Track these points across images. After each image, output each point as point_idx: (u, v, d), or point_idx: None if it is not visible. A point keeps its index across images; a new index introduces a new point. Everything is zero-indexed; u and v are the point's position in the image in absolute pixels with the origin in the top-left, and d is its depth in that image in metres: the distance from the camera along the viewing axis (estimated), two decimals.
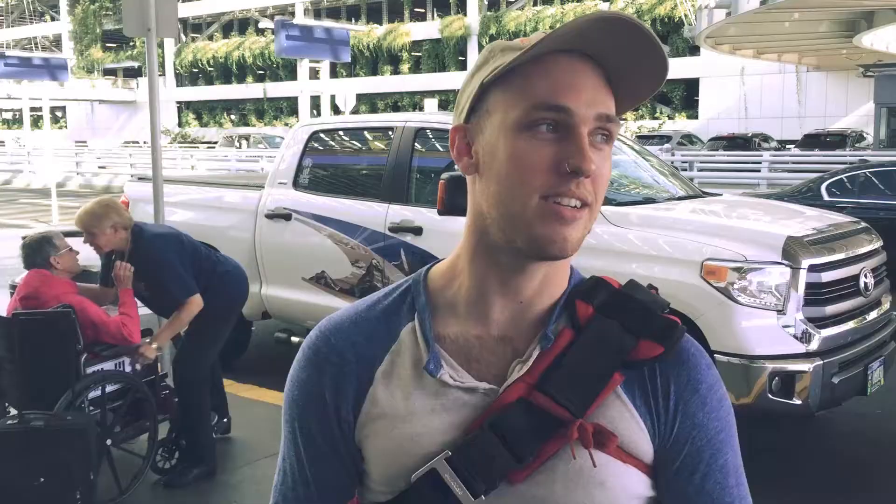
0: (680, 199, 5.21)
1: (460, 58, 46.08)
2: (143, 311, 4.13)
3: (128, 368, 3.98)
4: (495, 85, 0.92)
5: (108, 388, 3.80)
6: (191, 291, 3.95)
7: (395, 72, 48.48)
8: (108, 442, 3.74)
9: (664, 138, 28.50)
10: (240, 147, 32.54)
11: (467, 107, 0.95)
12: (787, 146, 28.45)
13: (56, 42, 62.59)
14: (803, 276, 3.95)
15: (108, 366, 3.88)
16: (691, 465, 0.94)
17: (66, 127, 62.11)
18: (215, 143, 39.76)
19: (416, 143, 5.33)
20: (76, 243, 4.13)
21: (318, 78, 30.90)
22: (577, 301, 0.96)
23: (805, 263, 3.97)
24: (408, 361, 0.96)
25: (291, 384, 1.01)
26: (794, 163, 19.96)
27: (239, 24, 55.23)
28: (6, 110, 66.59)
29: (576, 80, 0.89)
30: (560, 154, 0.88)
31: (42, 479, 3.17)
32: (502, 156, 0.90)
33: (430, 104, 35.37)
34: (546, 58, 0.89)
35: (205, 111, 55.75)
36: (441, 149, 5.66)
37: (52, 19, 64.38)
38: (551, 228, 0.89)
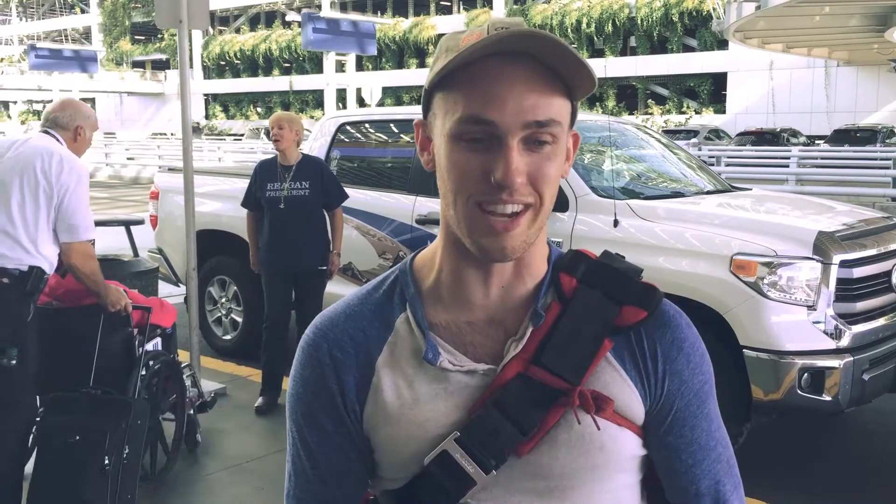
0: (708, 193, 5.18)
1: None
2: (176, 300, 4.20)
3: (158, 347, 4.06)
4: (437, 89, 0.94)
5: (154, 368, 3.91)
6: (347, 196, 5.11)
7: (421, 65, 48.45)
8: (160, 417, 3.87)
9: (691, 133, 28.26)
10: (269, 138, 32.69)
11: (423, 104, 0.99)
12: (816, 141, 28.12)
13: (86, 34, 63.25)
14: (834, 272, 3.91)
15: (149, 347, 3.96)
16: (681, 418, 1.00)
17: None
18: (242, 135, 40.01)
19: None
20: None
21: (343, 71, 30.99)
22: (561, 274, 1.00)
23: (836, 259, 3.92)
24: (406, 351, 0.98)
25: (295, 383, 1.03)
26: (822, 158, 19.72)
27: (266, 17, 55.47)
28: (37, 102, 67.37)
29: (501, 90, 0.89)
30: (487, 165, 0.90)
31: (77, 438, 3.28)
32: (443, 162, 0.94)
33: None
34: (478, 63, 0.89)
35: (231, 104, 56.08)
36: None
37: (82, 12, 65.03)
38: (487, 239, 0.92)
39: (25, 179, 3.21)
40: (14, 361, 3.18)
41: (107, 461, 3.28)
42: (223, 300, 6.22)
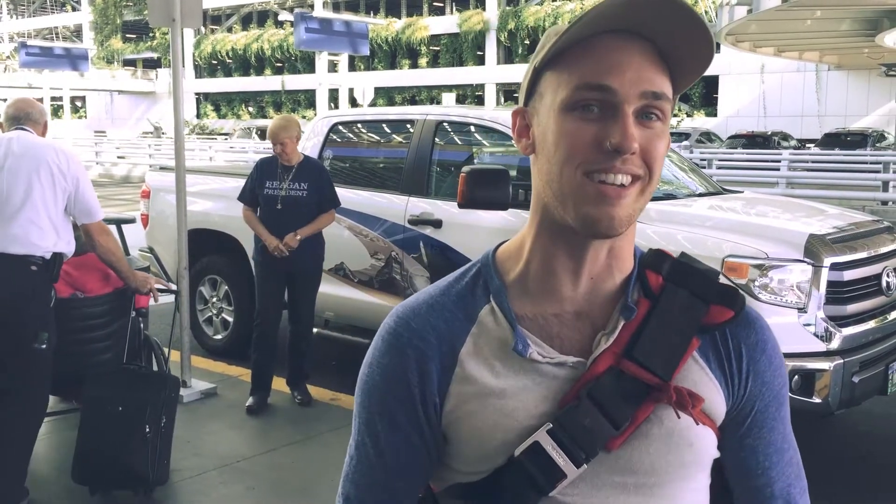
0: (700, 195, 5.20)
1: (478, 52, 45.96)
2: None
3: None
4: (547, 68, 0.95)
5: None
6: (339, 203, 5.05)
7: (414, 66, 48.45)
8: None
9: (683, 136, 28.33)
10: (262, 138, 32.71)
11: (524, 91, 0.99)
12: (807, 145, 28.24)
13: (77, 32, 63.00)
14: (825, 275, 3.93)
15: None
16: (760, 420, 1.01)
17: (85, 117, 62.53)
18: (229, 134, 39.91)
19: (436, 136, 5.34)
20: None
21: (336, 71, 30.98)
22: (647, 271, 1.00)
23: (827, 262, 3.95)
24: (492, 342, 0.97)
25: (372, 371, 1.01)
26: (813, 162, 19.82)
27: (258, 17, 55.36)
28: None
29: (620, 59, 0.90)
30: (603, 132, 0.89)
31: (120, 409, 3.60)
32: (552, 136, 0.93)
33: (448, 98, 35.35)
34: (592, 39, 0.91)
35: (223, 103, 55.94)
36: (461, 142, 5.66)
37: (73, 9, 64.76)
38: (596, 208, 0.90)
39: (43, 173, 3.47)
40: (44, 346, 3.43)
41: (148, 429, 3.59)
42: (214, 299, 6.20)
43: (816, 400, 3.81)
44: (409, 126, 5.58)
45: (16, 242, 3.36)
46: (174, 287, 4.93)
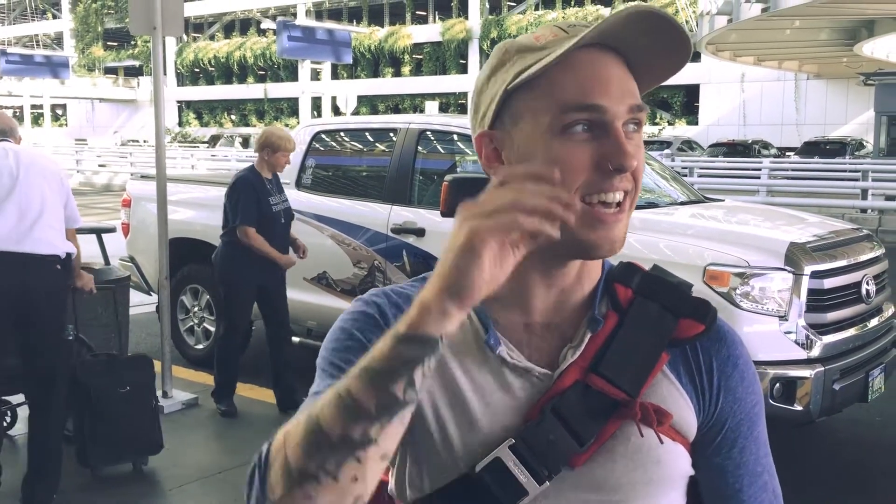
0: (682, 203, 5.22)
1: (461, 61, 46.06)
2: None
3: None
4: (519, 90, 0.91)
5: None
6: None
7: (397, 74, 48.47)
8: None
9: (664, 144, 28.49)
10: (245, 146, 32.62)
11: (491, 113, 0.94)
12: (787, 153, 28.46)
13: (58, 40, 62.56)
14: (805, 283, 3.96)
15: None
16: (731, 439, 0.98)
17: (66, 125, 62.07)
18: (206, 141, 39.73)
19: (419, 145, 5.34)
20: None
21: (319, 79, 30.92)
22: (616, 284, 0.98)
23: (808, 270, 3.97)
24: (468, 336, 0.95)
25: (334, 333, 0.96)
26: (793, 170, 19.98)
27: (240, 25, 55.20)
28: (7, 107, 66.55)
29: (603, 76, 0.88)
30: (599, 153, 0.87)
31: (128, 388, 4.05)
32: (542, 161, 0.88)
33: (431, 107, 35.42)
34: (573, 55, 0.88)
35: (205, 111, 55.71)
36: (443, 151, 5.67)
37: (54, 17, 64.32)
38: (596, 234, 0.89)
39: (52, 181, 3.81)
40: (70, 336, 3.85)
41: (154, 402, 4.17)
42: (196, 309, 6.16)
43: (797, 408, 3.83)
44: (391, 135, 5.57)
45: (42, 244, 3.68)
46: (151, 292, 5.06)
